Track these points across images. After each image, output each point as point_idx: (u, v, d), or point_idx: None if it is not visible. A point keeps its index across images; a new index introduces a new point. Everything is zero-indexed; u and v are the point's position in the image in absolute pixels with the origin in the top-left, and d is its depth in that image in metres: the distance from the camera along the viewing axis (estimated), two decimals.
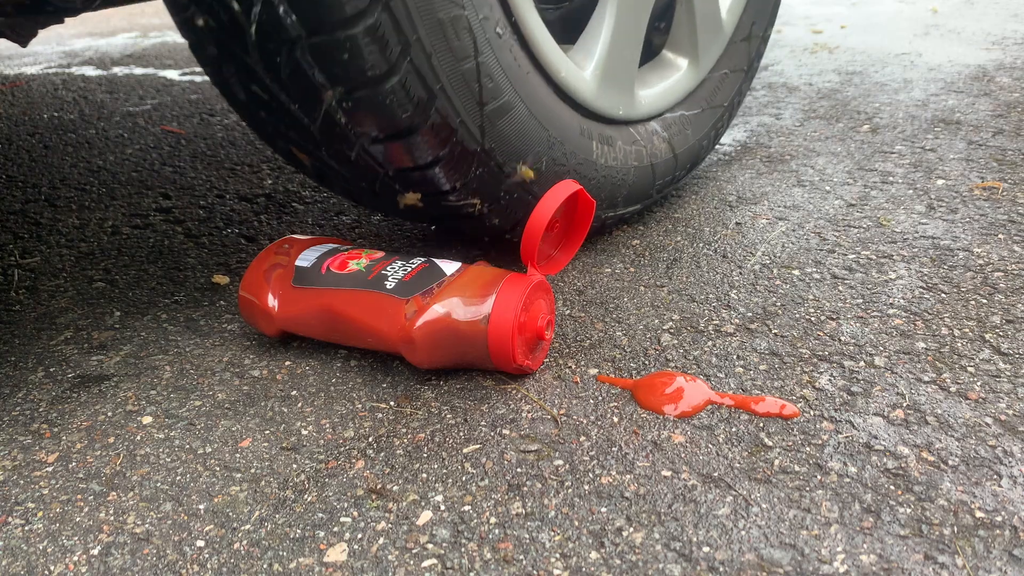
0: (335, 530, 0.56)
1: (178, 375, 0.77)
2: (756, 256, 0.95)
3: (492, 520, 0.56)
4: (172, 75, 2.26)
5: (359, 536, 0.56)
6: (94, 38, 3.12)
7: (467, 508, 0.58)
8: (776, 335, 0.77)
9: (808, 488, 0.57)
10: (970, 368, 0.70)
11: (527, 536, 0.55)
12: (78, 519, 0.59)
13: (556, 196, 0.75)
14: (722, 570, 0.51)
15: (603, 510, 0.57)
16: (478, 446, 0.64)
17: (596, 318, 0.83)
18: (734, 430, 0.64)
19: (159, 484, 0.62)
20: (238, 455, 0.65)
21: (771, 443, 0.62)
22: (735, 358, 0.74)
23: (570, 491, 0.59)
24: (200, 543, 0.56)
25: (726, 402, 0.67)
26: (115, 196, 1.28)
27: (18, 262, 1.04)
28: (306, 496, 0.60)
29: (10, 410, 0.73)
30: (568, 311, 0.85)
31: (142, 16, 3.73)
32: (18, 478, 0.64)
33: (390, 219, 1.13)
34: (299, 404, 0.71)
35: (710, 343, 0.77)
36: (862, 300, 0.83)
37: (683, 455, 0.61)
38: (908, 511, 0.55)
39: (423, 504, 0.58)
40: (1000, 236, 0.95)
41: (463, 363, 0.71)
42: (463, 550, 0.54)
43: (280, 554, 0.55)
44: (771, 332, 0.78)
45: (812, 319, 0.80)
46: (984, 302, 0.81)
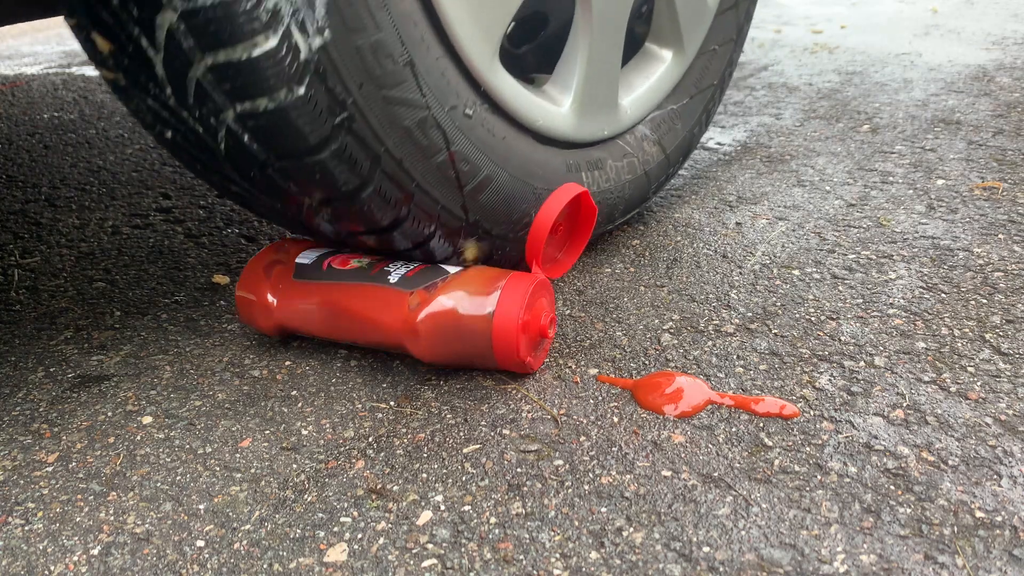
0: (335, 530, 0.56)
1: (178, 375, 0.77)
2: (756, 256, 0.95)
3: (492, 520, 0.56)
4: None
5: (359, 536, 0.56)
6: None
7: (467, 508, 0.58)
8: (776, 335, 0.77)
9: (808, 488, 0.57)
10: (970, 368, 0.70)
11: (527, 536, 0.55)
12: (78, 519, 0.59)
13: (559, 200, 0.75)
14: (722, 570, 0.51)
15: (603, 510, 0.57)
16: (478, 446, 0.64)
17: (596, 318, 0.83)
18: (734, 430, 0.64)
19: (159, 484, 0.62)
20: (238, 455, 0.65)
21: (771, 443, 0.62)
22: (735, 358, 0.74)
23: (570, 491, 0.59)
24: (200, 543, 0.56)
25: (726, 402, 0.67)
26: (115, 196, 1.28)
27: (18, 262, 1.04)
28: (306, 496, 0.60)
29: (10, 410, 0.73)
30: (568, 311, 0.85)
31: None
32: (18, 478, 0.64)
33: None
34: (299, 404, 0.71)
35: (710, 343, 0.77)
36: (862, 300, 0.83)
37: (683, 455, 0.61)
38: (908, 511, 0.55)
39: (423, 504, 0.58)
40: (1000, 236, 0.95)
41: (465, 359, 0.71)
42: (463, 550, 0.54)
43: (280, 554, 0.55)
44: (771, 332, 0.78)
45: (812, 319, 0.80)
46: (984, 302, 0.81)
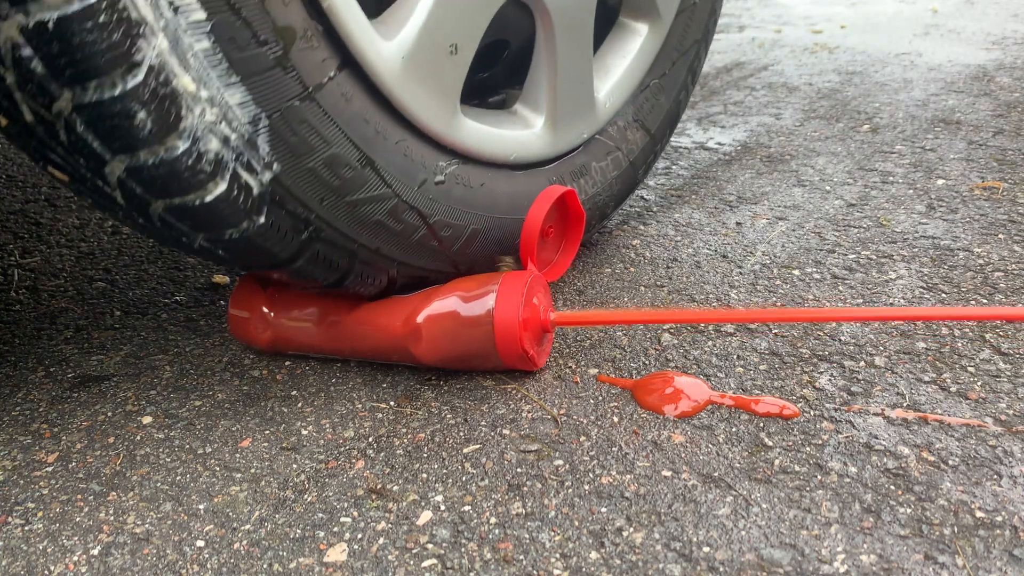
0: (335, 530, 0.56)
1: (178, 375, 0.77)
2: (756, 256, 0.95)
3: (492, 520, 0.56)
4: None
5: (359, 536, 0.56)
6: None
7: (467, 508, 0.58)
8: (776, 335, 0.77)
9: (808, 488, 0.57)
10: (970, 368, 0.70)
11: (527, 536, 0.55)
12: (78, 519, 0.59)
13: (545, 200, 0.76)
14: (722, 570, 0.51)
15: (603, 510, 0.57)
16: (478, 446, 0.64)
17: None
18: (734, 430, 0.64)
19: (159, 484, 0.62)
20: (238, 455, 0.65)
21: (771, 443, 0.62)
22: (735, 358, 0.74)
23: (570, 491, 0.59)
24: (200, 543, 0.56)
25: (726, 402, 0.67)
26: None
27: (18, 262, 1.04)
28: (306, 496, 0.60)
29: (10, 410, 0.73)
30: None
31: None
32: (18, 478, 0.64)
33: None
34: (299, 404, 0.71)
35: (710, 343, 0.77)
36: (862, 300, 0.83)
37: (683, 455, 0.61)
38: (908, 511, 0.55)
39: (423, 504, 0.58)
40: (1000, 236, 0.95)
41: (467, 358, 0.70)
42: (463, 550, 0.54)
43: (280, 554, 0.55)
44: (771, 332, 0.78)
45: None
46: (984, 302, 0.81)
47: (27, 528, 0.58)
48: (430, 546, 0.54)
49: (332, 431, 0.67)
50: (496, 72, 0.92)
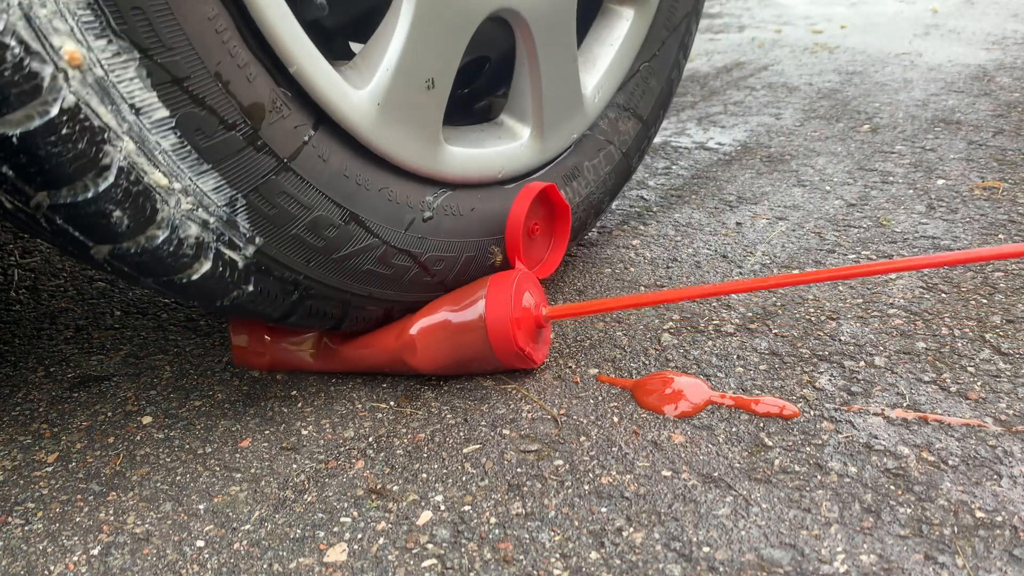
0: (335, 530, 0.56)
1: (178, 375, 0.77)
2: (756, 256, 0.95)
3: (492, 520, 0.56)
4: None
5: (359, 536, 0.56)
6: None
7: (467, 508, 0.58)
8: (776, 335, 0.77)
9: (808, 488, 0.57)
10: (970, 368, 0.70)
11: (527, 536, 0.55)
12: (78, 519, 0.59)
13: (525, 197, 0.76)
14: (722, 570, 0.51)
15: (603, 510, 0.57)
16: (478, 446, 0.64)
17: (596, 318, 0.83)
18: (734, 430, 0.64)
19: (159, 484, 0.62)
20: (238, 455, 0.65)
21: (771, 443, 0.62)
22: (735, 358, 0.74)
23: (570, 491, 0.59)
24: (200, 543, 0.56)
25: (726, 402, 0.67)
26: None
27: (18, 262, 1.04)
28: (306, 496, 0.60)
29: (10, 410, 0.73)
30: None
31: None
32: (18, 478, 0.64)
33: None
34: (299, 404, 0.71)
35: (710, 343, 0.77)
36: (862, 300, 0.83)
37: (683, 455, 0.61)
38: (908, 511, 0.55)
39: (423, 504, 0.58)
40: (1000, 236, 0.95)
41: (464, 363, 0.71)
42: (463, 550, 0.54)
43: (280, 554, 0.55)
44: (771, 332, 0.78)
45: (812, 319, 0.80)
46: (984, 302, 0.81)
47: (27, 528, 0.58)
48: (430, 546, 0.54)
49: (332, 431, 0.67)
50: (479, 84, 0.91)
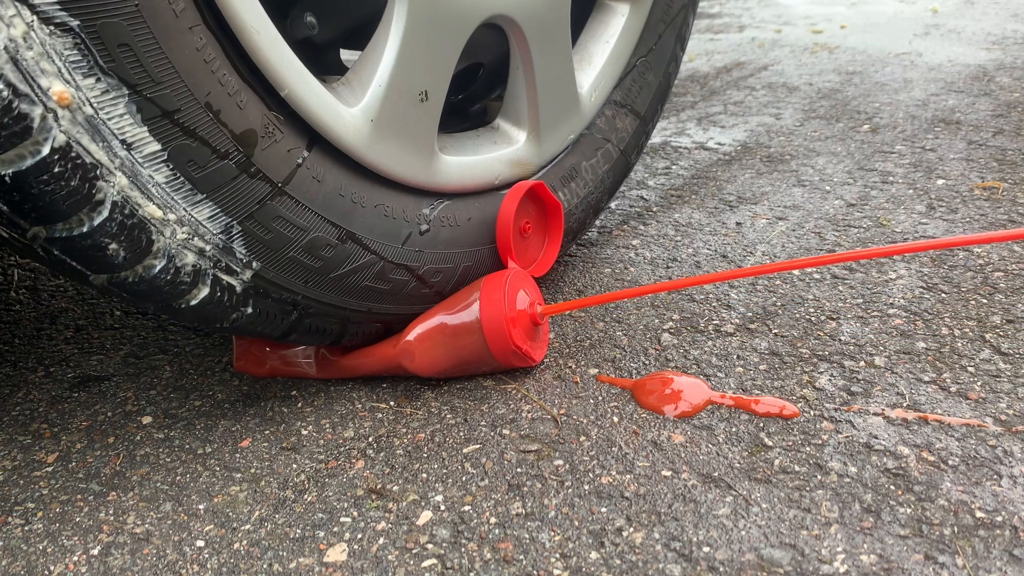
0: (335, 530, 0.56)
1: (178, 375, 0.77)
2: (756, 256, 0.95)
3: (492, 520, 0.56)
4: None
5: (359, 536, 0.56)
6: None
7: (467, 508, 0.58)
8: (776, 335, 0.77)
9: (808, 488, 0.57)
10: (970, 368, 0.70)
11: (527, 536, 0.55)
12: (78, 519, 0.59)
13: (514, 197, 0.77)
14: (722, 570, 0.51)
15: (603, 510, 0.57)
16: (478, 446, 0.64)
17: (596, 318, 0.83)
18: (734, 430, 0.64)
19: (159, 484, 0.62)
20: (238, 455, 0.65)
21: (771, 443, 0.62)
22: (735, 358, 0.74)
23: (570, 491, 0.59)
24: (200, 543, 0.56)
25: (726, 402, 0.67)
26: None
27: (18, 262, 1.04)
28: (306, 496, 0.60)
29: (10, 410, 0.73)
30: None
31: None
32: (18, 478, 0.64)
33: None
34: (299, 404, 0.71)
35: (710, 343, 0.77)
36: (862, 300, 0.83)
37: (683, 455, 0.61)
38: (908, 511, 0.55)
39: (423, 504, 0.58)
40: None
41: (463, 365, 0.71)
42: (463, 550, 0.54)
43: (280, 554, 0.55)
44: (771, 332, 0.78)
45: (812, 319, 0.80)
46: (984, 302, 0.81)
47: (27, 528, 0.58)
48: (430, 546, 0.54)
49: (332, 431, 0.67)
50: (473, 90, 0.89)
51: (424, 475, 0.61)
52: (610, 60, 0.90)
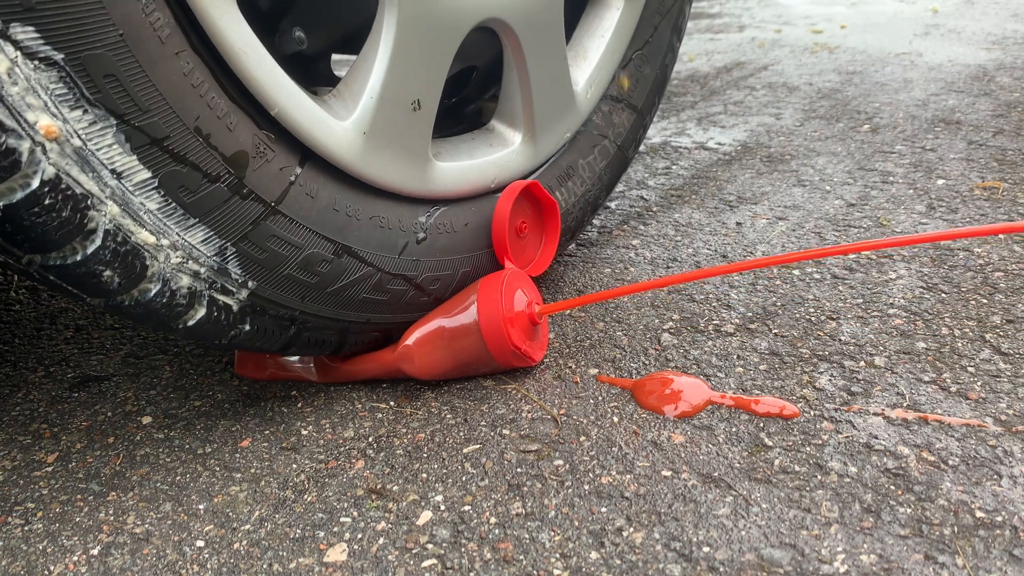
0: (335, 530, 0.56)
1: (178, 375, 0.77)
2: (756, 256, 0.95)
3: (492, 520, 0.56)
4: None
5: (359, 536, 0.56)
6: None
7: (467, 508, 0.58)
8: (776, 335, 0.77)
9: (808, 488, 0.57)
10: (970, 368, 0.70)
11: (527, 536, 0.55)
12: (78, 519, 0.59)
13: (508, 197, 0.76)
14: (722, 570, 0.51)
15: (603, 510, 0.57)
16: (478, 446, 0.64)
17: (596, 318, 0.83)
18: (734, 430, 0.64)
19: (159, 484, 0.62)
20: (238, 455, 0.65)
21: (771, 443, 0.62)
22: (735, 358, 0.74)
23: (570, 491, 0.59)
24: (200, 543, 0.56)
25: (726, 402, 0.67)
26: None
27: None
28: (306, 496, 0.60)
29: (10, 410, 0.73)
30: (568, 311, 0.85)
31: None
32: (18, 478, 0.64)
33: None
34: (299, 404, 0.71)
35: (710, 343, 0.77)
36: (862, 300, 0.83)
37: (683, 455, 0.61)
38: (908, 511, 0.55)
39: (423, 504, 0.58)
40: (1000, 236, 0.95)
41: (462, 367, 0.71)
42: (463, 550, 0.54)
43: (280, 554, 0.55)
44: (771, 332, 0.78)
45: (812, 319, 0.80)
46: (984, 302, 0.81)
47: (27, 528, 0.58)
48: (430, 546, 0.54)
49: (332, 431, 0.67)
50: (467, 92, 0.88)
51: (424, 475, 0.61)
52: (606, 55, 0.89)
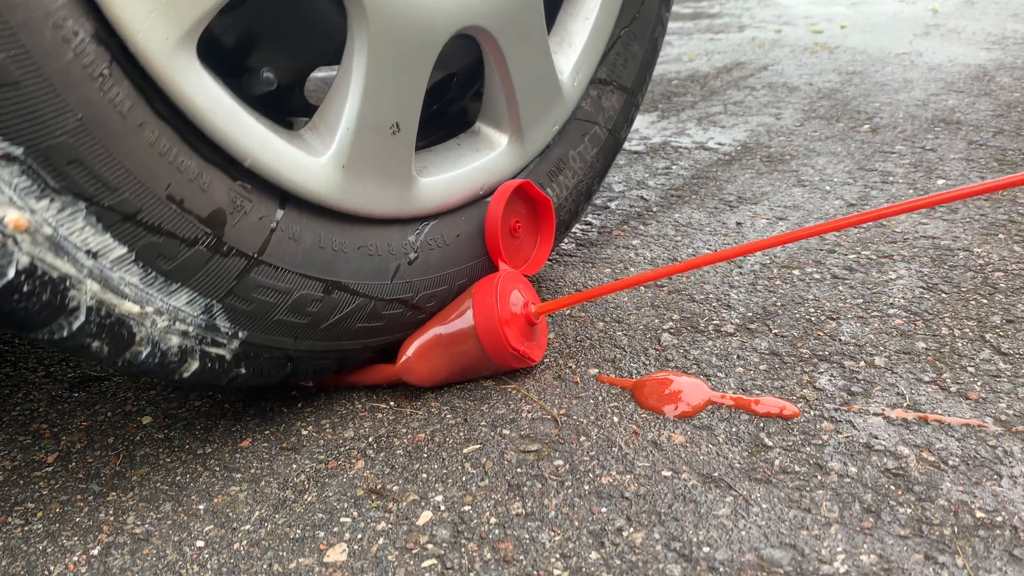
0: (335, 530, 0.56)
1: None
2: (756, 256, 0.95)
3: (492, 520, 0.56)
4: None
5: (359, 536, 0.56)
6: None
7: (467, 508, 0.58)
8: (776, 335, 0.77)
9: (808, 488, 0.57)
10: (970, 368, 0.70)
11: (527, 536, 0.55)
12: (78, 519, 0.59)
13: (500, 197, 0.76)
14: (722, 570, 0.51)
15: (603, 510, 0.57)
16: (478, 446, 0.64)
17: (596, 318, 0.83)
18: (734, 430, 0.64)
19: (159, 484, 0.62)
20: (238, 455, 0.65)
21: (771, 443, 0.62)
22: (735, 358, 0.74)
23: (570, 491, 0.59)
24: (200, 543, 0.56)
25: (726, 402, 0.67)
26: None
27: None
28: (306, 496, 0.60)
29: (10, 410, 0.73)
30: (568, 311, 0.85)
31: None
32: (18, 478, 0.64)
33: None
34: (299, 404, 0.71)
35: (710, 343, 0.77)
36: (862, 300, 0.83)
37: (683, 455, 0.61)
38: (908, 511, 0.55)
39: (423, 504, 0.58)
40: (1000, 236, 0.95)
41: (463, 370, 0.71)
42: (463, 550, 0.54)
43: (280, 554, 0.55)
44: (771, 332, 0.78)
45: (812, 319, 0.80)
46: (984, 302, 0.81)
47: (27, 528, 0.58)
48: (430, 546, 0.54)
49: (332, 431, 0.67)
50: (448, 96, 0.87)
51: (424, 475, 0.61)
52: (591, 37, 0.85)
